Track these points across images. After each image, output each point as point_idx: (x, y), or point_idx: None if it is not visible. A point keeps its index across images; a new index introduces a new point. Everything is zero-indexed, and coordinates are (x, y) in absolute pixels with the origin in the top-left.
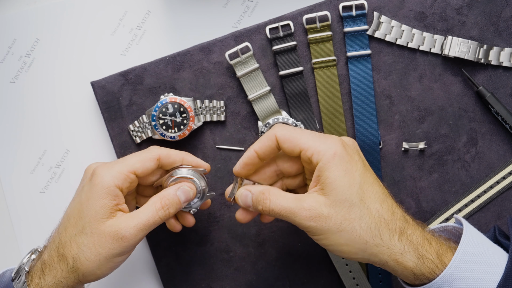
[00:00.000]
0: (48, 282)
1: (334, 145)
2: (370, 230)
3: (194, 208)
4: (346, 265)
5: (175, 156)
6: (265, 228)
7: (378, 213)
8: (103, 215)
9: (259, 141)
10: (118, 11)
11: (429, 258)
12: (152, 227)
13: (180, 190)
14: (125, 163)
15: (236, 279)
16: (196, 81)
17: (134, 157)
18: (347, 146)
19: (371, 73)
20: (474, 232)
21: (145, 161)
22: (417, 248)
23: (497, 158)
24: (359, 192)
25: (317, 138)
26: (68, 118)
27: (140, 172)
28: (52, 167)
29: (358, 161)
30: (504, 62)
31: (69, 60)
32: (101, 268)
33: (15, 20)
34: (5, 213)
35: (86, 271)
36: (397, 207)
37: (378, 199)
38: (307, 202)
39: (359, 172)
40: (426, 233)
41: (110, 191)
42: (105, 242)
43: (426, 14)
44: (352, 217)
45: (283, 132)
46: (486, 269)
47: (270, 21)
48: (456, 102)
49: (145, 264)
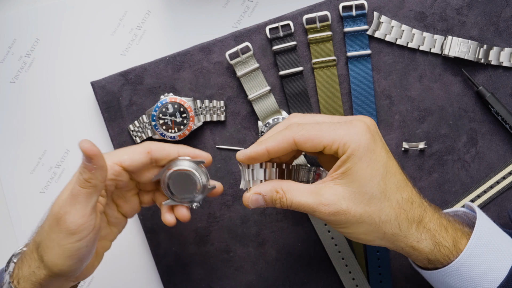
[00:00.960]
0: (24, 273)
1: (359, 135)
2: (390, 222)
3: (196, 202)
4: (346, 266)
5: (169, 148)
6: (265, 228)
7: (398, 204)
8: (63, 198)
9: (274, 139)
10: (118, 11)
11: (445, 245)
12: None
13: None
14: (112, 154)
15: (236, 279)
16: (196, 81)
17: (124, 149)
18: (372, 132)
19: (371, 73)
20: (487, 219)
21: (134, 154)
22: (434, 235)
23: (497, 158)
24: (380, 184)
25: (339, 127)
26: (68, 118)
27: (128, 165)
28: (52, 167)
29: (382, 149)
30: (504, 62)
31: (69, 60)
32: (59, 257)
33: (15, 20)
34: (5, 213)
35: (48, 259)
36: (416, 195)
37: (398, 189)
38: (325, 196)
39: (383, 162)
40: (442, 219)
41: None
42: (54, 225)
43: (426, 14)
44: (372, 209)
45: (302, 133)
46: (498, 255)
47: (270, 21)
48: (456, 102)
49: (145, 264)
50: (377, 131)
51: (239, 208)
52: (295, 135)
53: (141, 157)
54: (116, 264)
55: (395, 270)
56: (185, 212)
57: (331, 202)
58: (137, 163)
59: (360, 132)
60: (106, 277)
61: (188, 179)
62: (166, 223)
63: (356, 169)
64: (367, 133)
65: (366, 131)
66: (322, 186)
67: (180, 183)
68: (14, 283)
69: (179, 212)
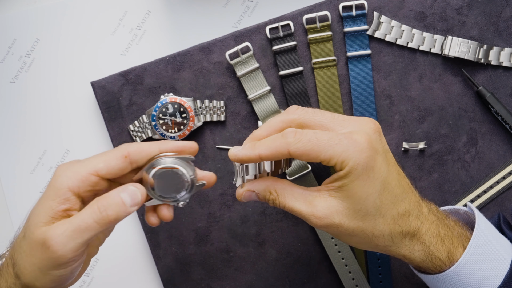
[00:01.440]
0: (1, 285)
1: (359, 153)
2: (383, 237)
3: (182, 201)
4: (346, 266)
5: (148, 148)
6: (265, 228)
7: (393, 219)
8: (43, 219)
9: (268, 148)
10: (118, 11)
11: (438, 257)
12: (86, 235)
13: (124, 192)
14: (87, 163)
15: (236, 279)
16: (196, 81)
17: (99, 156)
18: (373, 145)
19: (371, 73)
20: (485, 225)
21: (110, 160)
22: (428, 247)
23: (497, 158)
24: (376, 202)
25: (338, 142)
26: (68, 118)
27: (105, 173)
28: (52, 167)
29: (382, 163)
30: (504, 62)
31: (69, 60)
32: (39, 280)
33: (15, 20)
34: (5, 213)
35: (26, 280)
36: (414, 205)
37: (395, 204)
38: (318, 208)
39: (381, 179)
40: (441, 228)
41: (60, 193)
42: (37, 251)
43: (426, 14)
44: (365, 225)
45: (298, 146)
46: (493, 263)
47: (270, 21)
48: (456, 102)
49: (145, 264)
50: (380, 139)
51: (239, 208)
52: (291, 148)
53: (118, 163)
54: (116, 264)
55: (395, 270)
56: (166, 212)
57: (324, 216)
58: (114, 170)
59: (359, 150)
60: (106, 277)
61: (175, 177)
62: (150, 223)
63: (353, 186)
64: (367, 150)
65: (366, 148)
66: (317, 195)
67: (165, 182)
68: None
69: (160, 212)
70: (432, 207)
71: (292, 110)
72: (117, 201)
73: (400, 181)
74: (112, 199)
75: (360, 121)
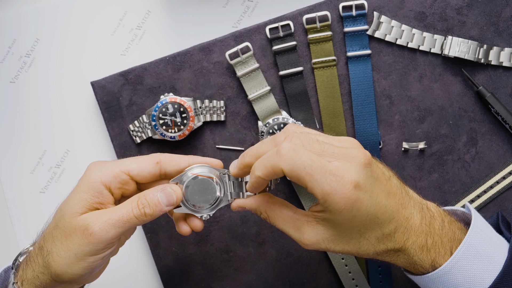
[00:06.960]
0: (28, 275)
1: (345, 200)
2: (368, 254)
3: (206, 214)
4: (346, 266)
5: (179, 159)
6: (265, 228)
7: (377, 240)
8: (79, 210)
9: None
10: (118, 11)
11: (421, 265)
12: (127, 226)
13: (161, 192)
14: (120, 162)
15: (236, 279)
16: (196, 81)
17: (133, 159)
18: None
19: (371, 73)
20: (481, 226)
21: (142, 163)
22: (412, 257)
23: (497, 158)
24: (360, 230)
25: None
26: (68, 118)
27: (136, 174)
28: (52, 167)
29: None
30: (504, 62)
31: (69, 60)
32: (72, 267)
33: (15, 20)
34: (5, 213)
35: (58, 268)
36: (402, 221)
37: (381, 227)
38: (305, 236)
39: (366, 215)
40: (429, 238)
41: (94, 186)
42: (75, 237)
43: (426, 14)
44: (350, 248)
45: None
46: (486, 264)
47: (270, 21)
48: (456, 102)
49: (145, 264)
50: (370, 173)
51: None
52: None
53: (149, 167)
54: (116, 264)
55: (395, 270)
56: (197, 223)
57: (311, 243)
58: (145, 172)
59: (345, 191)
60: (106, 277)
61: (209, 186)
62: (182, 233)
63: (337, 221)
64: (353, 195)
65: (352, 193)
66: (305, 221)
67: (197, 190)
68: (18, 284)
69: (191, 222)
70: (431, 210)
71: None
72: (156, 200)
73: (388, 205)
74: (151, 197)
75: (350, 155)
